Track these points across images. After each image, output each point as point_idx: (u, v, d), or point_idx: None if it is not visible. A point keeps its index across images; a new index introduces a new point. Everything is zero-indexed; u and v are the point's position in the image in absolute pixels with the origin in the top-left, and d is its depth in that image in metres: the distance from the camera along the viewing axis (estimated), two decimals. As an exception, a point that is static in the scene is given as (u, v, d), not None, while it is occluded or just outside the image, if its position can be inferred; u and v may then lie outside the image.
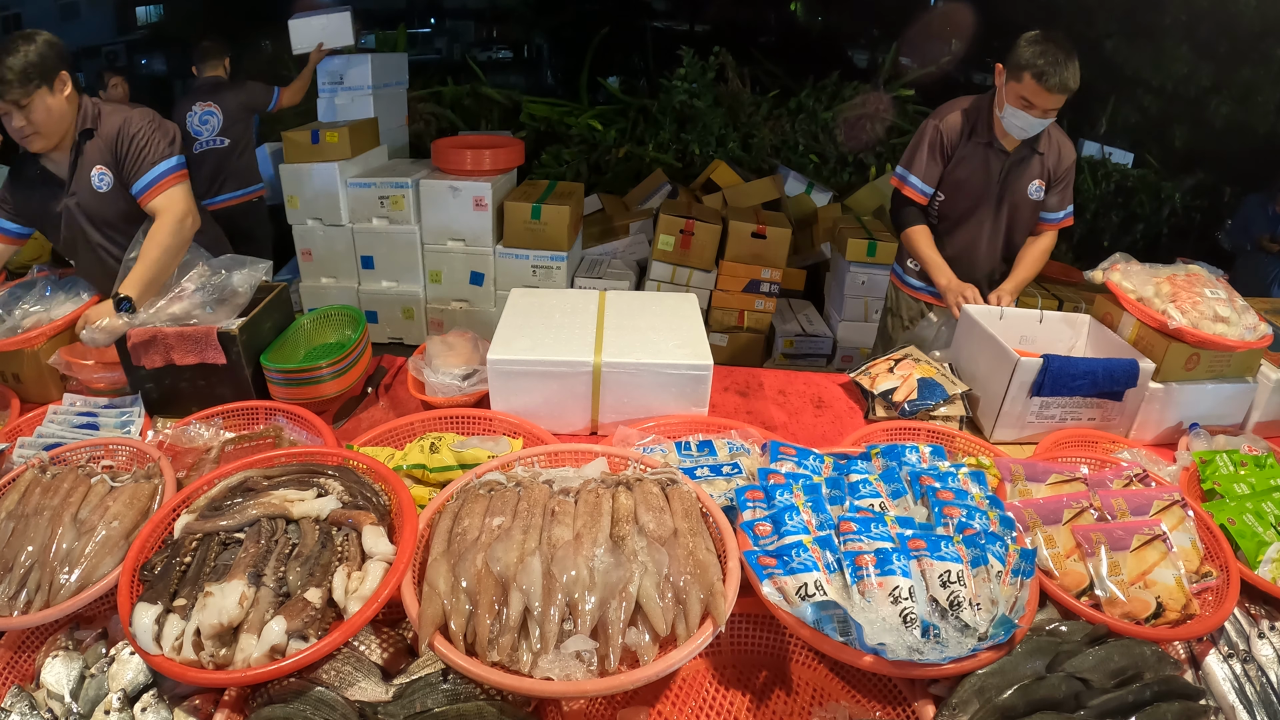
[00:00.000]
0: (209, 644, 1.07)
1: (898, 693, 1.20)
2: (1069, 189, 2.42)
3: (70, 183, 2.01)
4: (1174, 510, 1.47)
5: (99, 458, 1.59)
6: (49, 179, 2.02)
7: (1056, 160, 2.37)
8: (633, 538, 1.22)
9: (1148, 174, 5.79)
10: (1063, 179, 2.40)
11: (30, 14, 8.26)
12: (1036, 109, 2.14)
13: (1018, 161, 2.34)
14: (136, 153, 1.98)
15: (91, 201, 2.02)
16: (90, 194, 2.01)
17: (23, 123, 1.88)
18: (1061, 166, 2.38)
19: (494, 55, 8.42)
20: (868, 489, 1.40)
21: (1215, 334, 1.85)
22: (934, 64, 6.11)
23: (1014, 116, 2.21)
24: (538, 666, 1.05)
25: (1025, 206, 2.41)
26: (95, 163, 2.00)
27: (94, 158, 2.00)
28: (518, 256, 4.29)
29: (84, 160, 2.00)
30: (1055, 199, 2.41)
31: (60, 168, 2.02)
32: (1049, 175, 2.38)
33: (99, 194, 2.01)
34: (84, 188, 2.01)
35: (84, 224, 2.05)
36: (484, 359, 1.82)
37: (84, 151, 2.00)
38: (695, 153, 5.42)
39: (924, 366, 2.03)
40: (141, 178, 1.98)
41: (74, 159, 2.00)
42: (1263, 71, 5.29)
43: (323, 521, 1.26)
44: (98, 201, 2.02)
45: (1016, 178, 2.36)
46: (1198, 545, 1.43)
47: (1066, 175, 2.40)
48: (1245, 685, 1.25)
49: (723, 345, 4.46)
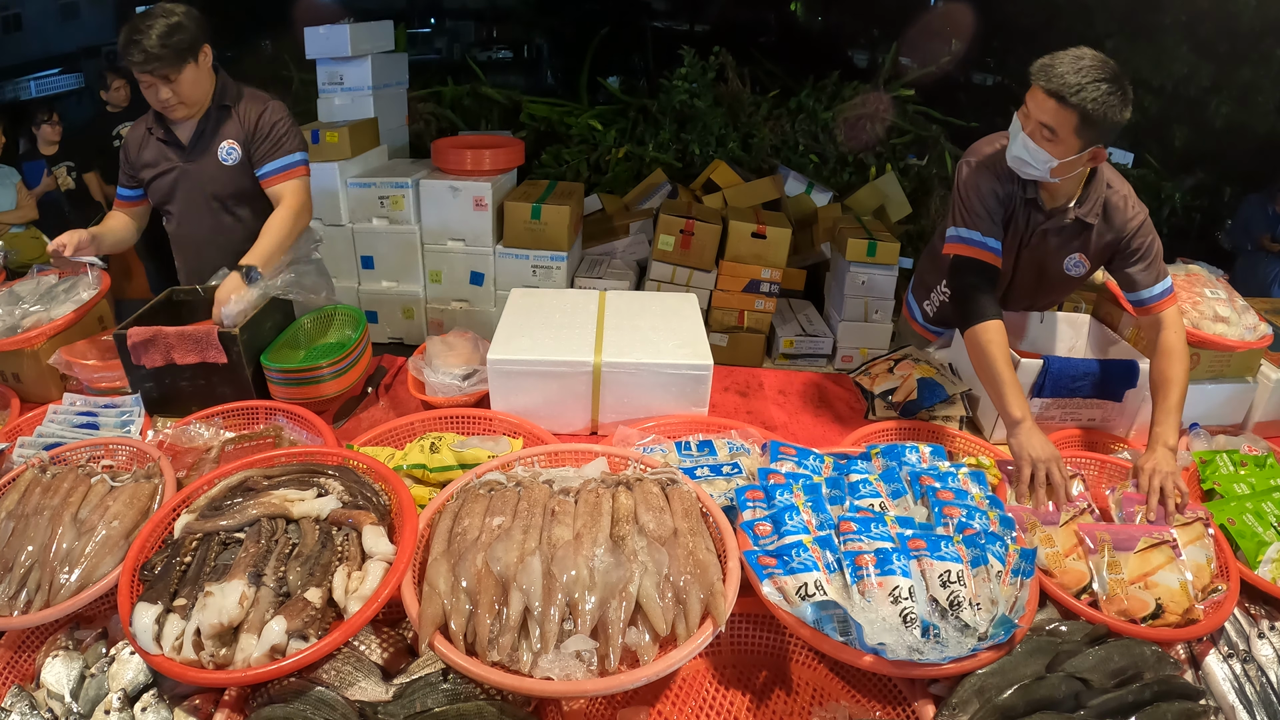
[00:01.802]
0: (209, 644, 1.07)
1: (898, 693, 1.20)
2: (1154, 259, 1.78)
3: (190, 149, 2.09)
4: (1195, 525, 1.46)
5: (99, 457, 1.59)
6: (168, 141, 2.10)
7: (1114, 230, 1.80)
8: (633, 538, 1.22)
9: (1148, 174, 5.79)
10: (1134, 249, 1.78)
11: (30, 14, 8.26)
12: (1031, 122, 1.62)
13: (1057, 229, 1.82)
14: (275, 139, 2.09)
15: (212, 171, 2.10)
16: (214, 164, 2.09)
17: (169, 94, 1.96)
18: (1125, 234, 1.79)
19: (494, 55, 8.42)
20: (868, 489, 1.40)
21: (1215, 334, 1.85)
22: (934, 64, 6.10)
23: (1012, 141, 1.69)
24: (538, 666, 1.06)
25: (1059, 279, 1.93)
26: (227, 137, 2.09)
27: (226, 132, 2.09)
28: (518, 256, 4.29)
29: (214, 132, 2.09)
30: (1141, 272, 1.78)
31: (183, 133, 2.09)
32: (1103, 249, 1.83)
33: (222, 166, 2.09)
34: (207, 157, 2.09)
35: (195, 190, 2.12)
36: (484, 359, 1.82)
37: (216, 123, 2.09)
38: (695, 153, 5.42)
39: (924, 367, 2.03)
40: (272, 162, 2.09)
41: (201, 128, 2.08)
42: (1263, 71, 5.29)
43: (323, 521, 1.26)
44: (219, 172, 2.10)
45: (1049, 242, 1.85)
46: (1211, 562, 1.41)
47: (1138, 242, 1.78)
48: (1245, 685, 1.25)
49: (723, 345, 4.45)
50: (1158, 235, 1.81)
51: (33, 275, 2.17)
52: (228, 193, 2.13)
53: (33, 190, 4.39)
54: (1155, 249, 1.79)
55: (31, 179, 4.40)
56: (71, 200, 4.66)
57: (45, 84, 8.29)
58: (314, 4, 5.39)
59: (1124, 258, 1.81)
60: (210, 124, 2.09)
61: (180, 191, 2.13)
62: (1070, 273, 1.90)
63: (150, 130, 2.12)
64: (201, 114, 2.08)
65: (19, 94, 7.92)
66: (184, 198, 2.14)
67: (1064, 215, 1.80)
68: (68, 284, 2.10)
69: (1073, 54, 1.57)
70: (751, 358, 4.50)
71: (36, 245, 4.34)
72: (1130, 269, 1.80)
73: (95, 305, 2.04)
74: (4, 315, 1.95)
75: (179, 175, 2.11)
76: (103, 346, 1.92)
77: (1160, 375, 1.71)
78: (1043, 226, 1.83)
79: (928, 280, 2.29)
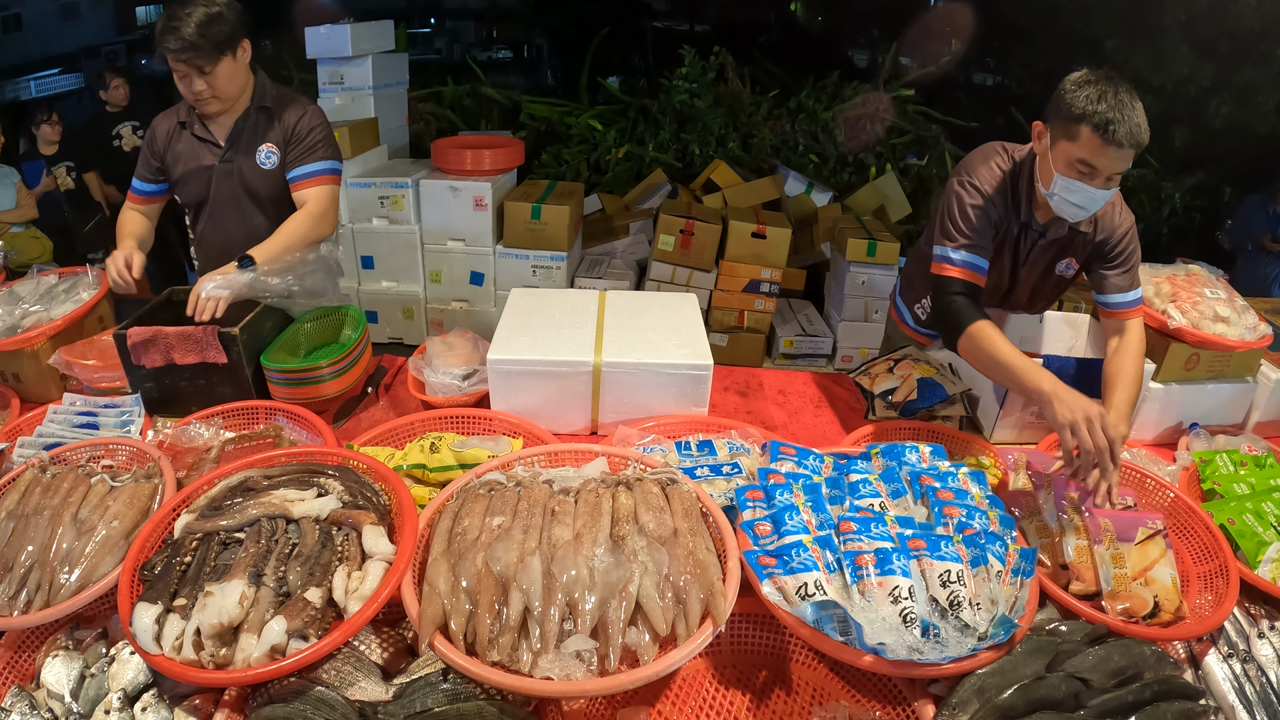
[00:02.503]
0: (209, 644, 1.07)
1: (898, 692, 1.20)
2: (1133, 267, 1.80)
3: (227, 148, 2.07)
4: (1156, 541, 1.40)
5: (99, 457, 1.59)
6: (204, 138, 2.08)
7: (1103, 233, 1.81)
8: (633, 537, 1.22)
9: (1148, 174, 5.79)
10: (1117, 253, 1.80)
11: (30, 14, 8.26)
12: (1099, 175, 1.57)
13: (1052, 241, 1.84)
14: (309, 144, 2.08)
15: (249, 173, 2.09)
16: (251, 166, 2.08)
17: (203, 87, 1.92)
18: (1113, 238, 1.80)
19: (494, 55, 8.43)
20: (868, 489, 1.40)
21: (1215, 334, 1.85)
22: (934, 64, 6.11)
23: (1068, 191, 1.62)
24: (538, 666, 1.06)
25: (1052, 283, 1.96)
26: (265, 140, 2.07)
27: (264, 135, 2.07)
28: (518, 256, 4.29)
29: (253, 133, 2.07)
30: (1118, 276, 1.79)
31: (220, 130, 2.07)
32: (1089, 250, 1.84)
33: (260, 169, 2.08)
34: (245, 158, 2.07)
35: (229, 190, 2.10)
36: (484, 359, 1.82)
37: (255, 125, 2.07)
38: (695, 153, 5.42)
39: (924, 367, 2.03)
40: (302, 166, 2.07)
41: (240, 128, 2.06)
42: (1263, 71, 5.29)
43: (323, 521, 1.26)
44: (256, 175, 2.09)
45: (1045, 258, 1.89)
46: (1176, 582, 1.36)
47: (1123, 247, 1.80)
48: (1245, 685, 1.25)
49: (723, 345, 4.46)
50: (1140, 247, 1.82)
51: (33, 275, 2.17)
52: (263, 195, 2.12)
53: (32, 190, 4.39)
54: (1136, 257, 1.81)
55: (31, 179, 4.41)
56: (71, 200, 4.66)
57: (45, 84, 8.30)
58: (314, 4, 5.40)
59: (1105, 260, 1.81)
60: (249, 124, 2.07)
61: (214, 190, 2.11)
62: (1061, 274, 1.93)
63: (184, 124, 2.08)
64: (240, 113, 2.06)
65: (19, 94, 7.93)
66: (217, 196, 2.12)
67: (1061, 227, 1.81)
68: (68, 284, 2.10)
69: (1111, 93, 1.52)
70: (751, 358, 4.50)
71: (36, 245, 4.35)
72: (1108, 271, 1.80)
73: (95, 305, 2.04)
74: (4, 315, 1.95)
75: (215, 174, 2.09)
76: (103, 346, 1.92)
77: (1116, 369, 1.69)
78: (1040, 243, 1.85)
79: (919, 285, 2.22)
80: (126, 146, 4.57)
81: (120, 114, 4.58)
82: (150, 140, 2.11)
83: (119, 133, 4.55)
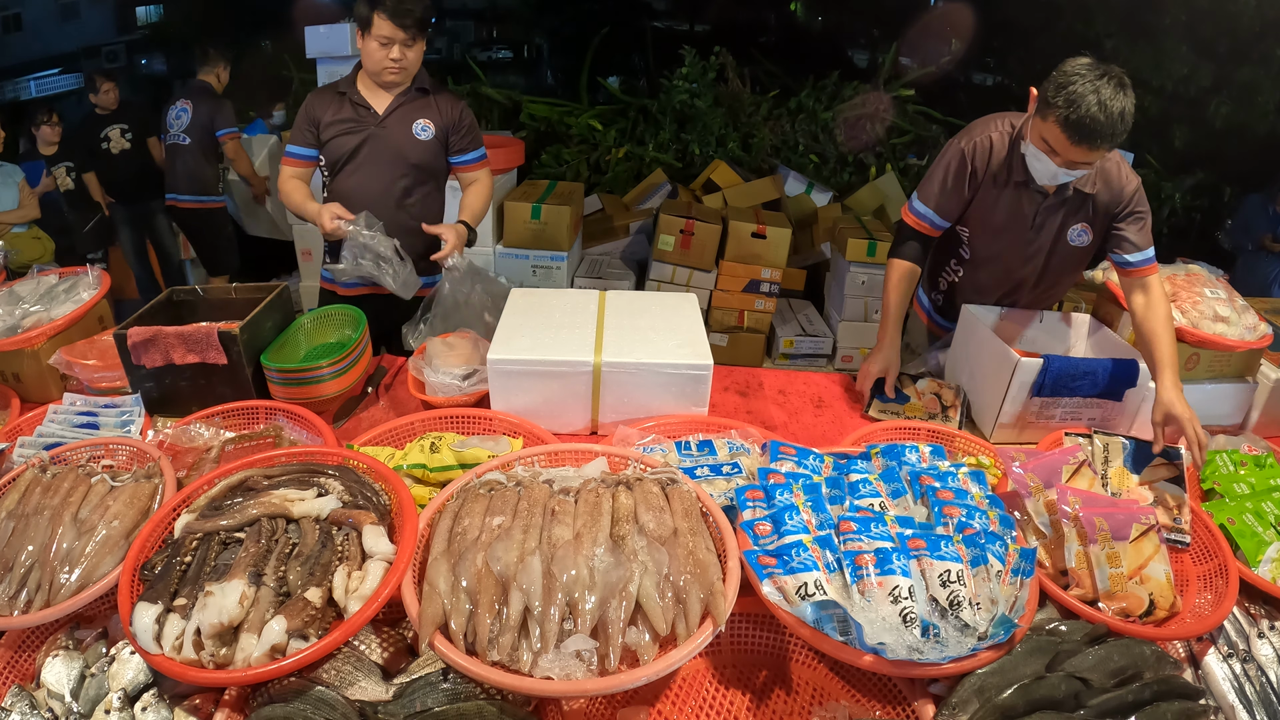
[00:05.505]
0: (209, 643, 1.07)
1: (898, 692, 1.20)
2: (1145, 224, 1.89)
3: (384, 118, 2.31)
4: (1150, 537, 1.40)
5: (99, 457, 1.59)
6: (364, 106, 2.31)
7: (1112, 195, 1.90)
8: (633, 537, 1.22)
9: (1148, 174, 5.78)
10: (1129, 212, 1.89)
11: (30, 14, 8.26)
12: (1060, 158, 1.74)
13: (1058, 204, 1.93)
14: (473, 134, 2.44)
15: (403, 140, 2.33)
16: (406, 135, 2.33)
17: (400, 56, 2.19)
18: (1123, 199, 1.89)
19: (494, 55, 8.42)
20: (868, 489, 1.40)
21: (1215, 334, 1.85)
22: (934, 64, 6.11)
23: (1034, 158, 1.80)
24: (538, 666, 1.06)
25: (1065, 254, 2.02)
26: (422, 116, 2.34)
27: (422, 112, 2.34)
28: (518, 256, 4.29)
29: (410, 108, 2.33)
30: (1136, 233, 1.88)
31: (379, 103, 2.31)
32: (1102, 214, 1.93)
33: (415, 139, 2.34)
34: (401, 128, 2.32)
35: (381, 153, 2.32)
36: (484, 359, 1.82)
37: (412, 101, 2.33)
38: (695, 153, 5.42)
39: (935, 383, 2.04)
40: (469, 153, 2.44)
41: (399, 103, 2.32)
42: (1263, 71, 5.29)
43: (323, 521, 1.26)
44: (409, 142, 2.34)
45: (1055, 221, 1.96)
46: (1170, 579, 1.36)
47: (1133, 206, 1.89)
48: (1245, 685, 1.25)
49: (723, 345, 4.46)
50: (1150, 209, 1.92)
51: (33, 275, 2.17)
52: (412, 161, 2.35)
53: (32, 190, 4.39)
54: (1148, 213, 1.91)
55: (31, 179, 4.40)
56: (71, 201, 4.66)
57: (45, 84, 8.29)
58: (314, 3, 5.39)
59: (1122, 219, 1.90)
60: (407, 100, 2.32)
61: (366, 151, 2.32)
62: (1075, 243, 1.99)
63: (344, 93, 2.31)
64: (401, 90, 2.32)
65: (19, 94, 7.93)
66: (368, 157, 2.33)
67: (1065, 190, 1.90)
68: (68, 284, 2.10)
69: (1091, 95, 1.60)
70: (751, 358, 4.50)
71: (37, 245, 4.34)
72: (1124, 226, 1.89)
73: (95, 305, 2.04)
74: (4, 315, 1.95)
75: (369, 137, 2.30)
76: (103, 346, 1.92)
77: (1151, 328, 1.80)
78: (1046, 204, 1.93)
79: (932, 269, 2.35)
80: (114, 149, 4.56)
81: (109, 117, 4.57)
82: (309, 107, 2.33)
83: (107, 135, 4.55)
